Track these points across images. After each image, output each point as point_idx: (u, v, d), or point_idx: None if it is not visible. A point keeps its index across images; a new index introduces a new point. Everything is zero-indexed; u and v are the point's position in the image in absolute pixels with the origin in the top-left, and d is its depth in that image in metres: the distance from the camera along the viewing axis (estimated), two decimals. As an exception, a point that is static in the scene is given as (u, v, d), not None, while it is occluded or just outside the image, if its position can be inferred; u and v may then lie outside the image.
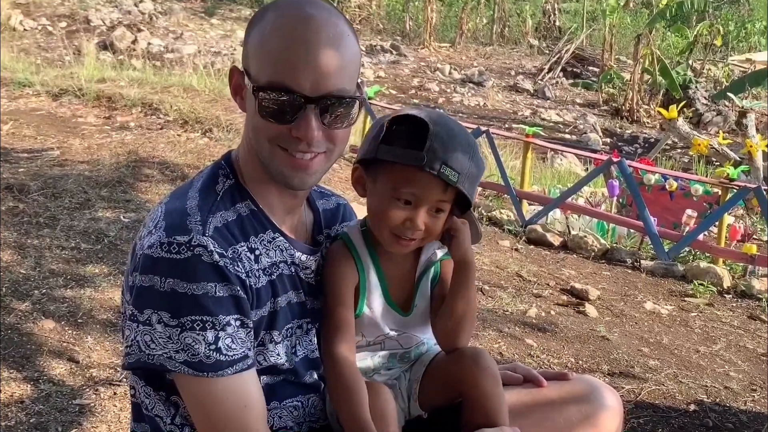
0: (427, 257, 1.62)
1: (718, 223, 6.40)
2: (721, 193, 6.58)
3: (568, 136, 15.03)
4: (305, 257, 1.56)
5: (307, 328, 1.57)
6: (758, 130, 11.60)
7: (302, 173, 1.44)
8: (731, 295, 5.68)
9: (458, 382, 1.54)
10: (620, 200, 7.61)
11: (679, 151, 13.76)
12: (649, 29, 16.78)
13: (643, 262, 6.22)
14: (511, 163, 9.38)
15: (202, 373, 1.34)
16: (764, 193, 6.04)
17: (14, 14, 16.17)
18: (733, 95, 14.03)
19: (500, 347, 4.11)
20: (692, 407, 3.62)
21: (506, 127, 13.68)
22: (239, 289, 1.37)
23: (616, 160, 6.78)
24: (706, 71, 18.66)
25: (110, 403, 3.06)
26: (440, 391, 1.59)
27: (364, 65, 16.42)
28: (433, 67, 18.94)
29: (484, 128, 7.73)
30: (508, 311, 4.72)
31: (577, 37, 20.78)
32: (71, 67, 11.08)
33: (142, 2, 18.65)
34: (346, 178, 7.19)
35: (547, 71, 19.35)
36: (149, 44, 15.61)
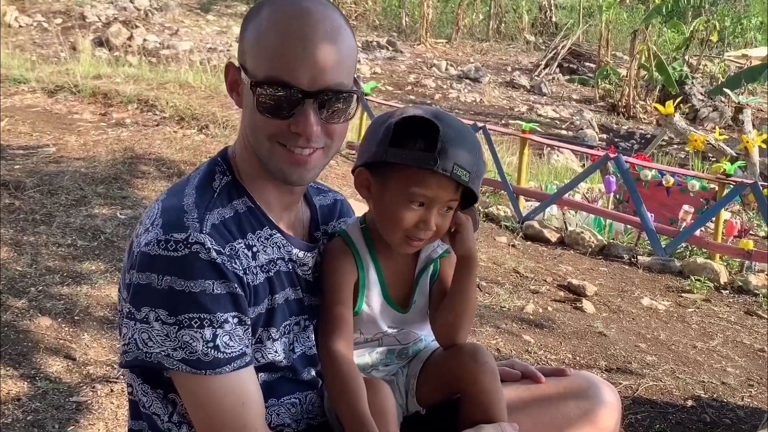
0: (426, 254, 1.61)
1: (714, 218, 6.41)
2: (717, 188, 6.59)
3: (564, 132, 15.03)
4: (302, 254, 1.55)
5: (304, 324, 1.56)
6: (754, 125, 11.62)
7: (301, 169, 1.43)
8: (728, 290, 5.69)
9: (456, 378, 1.53)
10: (617, 196, 7.61)
11: (675, 146, 13.78)
12: (645, 25, 16.80)
13: (640, 257, 6.22)
14: (507, 159, 9.39)
15: (200, 371, 1.34)
16: (761, 188, 6.05)
17: (9, 11, 16.13)
18: (729, 91, 14.04)
19: (497, 343, 4.11)
20: (689, 403, 3.63)
21: (503, 123, 13.68)
22: (237, 286, 1.37)
23: (612, 156, 6.79)
24: (702, 67, 18.69)
25: (107, 400, 3.06)
26: (438, 387, 1.58)
27: (360, 61, 16.41)
28: (429, 63, 18.93)
29: (480, 124, 7.73)
30: (505, 307, 4.72)
31: (573, 33, 20.80)
32: (67, 63, 11.06)
33: (137, -2, 18.63)
34: (343, 174, 7.18)
35: (543, 67, 19.37)
36: (145, 40, 15.59)
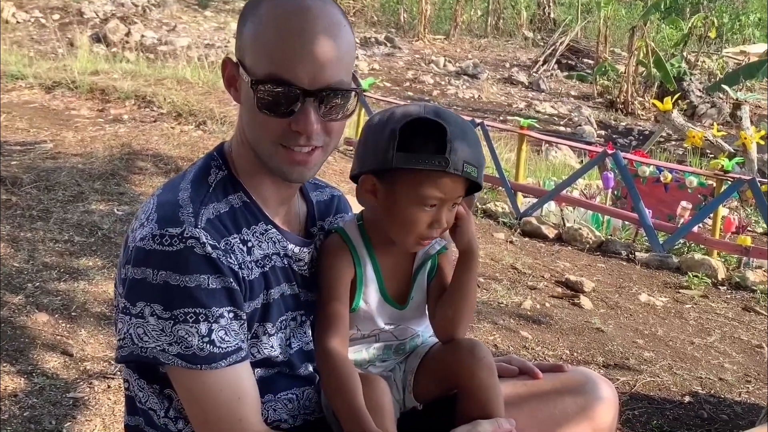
0: (424, 251, 1.61)
1: (712, 214, 6.41)
2: (715, 184, 6.60)
3: (562, 128, 15.03)
4: (298, 249, 1.55)
5: (301, 320, 1.55)
6: (752, 122, 11.62)
7: (301, 167, 1.43)
8: (726, 286, 5.69)
9: (454, 373, 1.53)
10: (615, 192, 7.61)
11: (673, 143, 13.78)
12: (643, 21, 16.78)
13: (637, 254, 6.23)
14: (505, 155, 9.38)
15: (195, 365, 1.34)
16: (759, 184, 6.05)
17: (7, 6, 16.09)
18: (727, 87, 14.03)
19: (495, 339, 4.11)
20: (687, 399, 3.63)
21: (501, 119, 13.67)
22: (232, 281, 1.36)
23: (610, 152, 6.78)
24: (700, 63, 18.67)
25: (104, 396, 3.05)
26: (436, 382, 1.58)
27: (358, 57, 16.40)
28: (427, 59, 18.91)
29: (478, 121, 7.72)
30: (503, 303, 4.73)
31: (571, 29, 20.76)
32: (64, 59, 11.04)
33: (135, -6, 18.59)
34: (340, 170, 7.17)
35: (541, 63, 19.35)
36: (143, 36, 15.54)
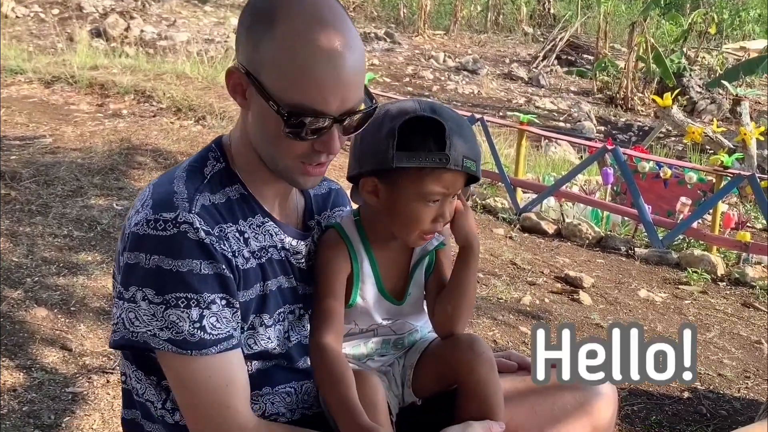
0: (422, 247, 1.61)
1: (712, 210, 6.41)
2: (715, 180, 6.59)
3: (562, 124, 15.02)
4: (296, 242, 1.55)
5: (299, 313, 1.55)
6: (752, 118, 11.60)
7: (315, 178, 1.46)
8: (725, 282, 5.69)
9: (454, 368, 1.53)
10: (614, 188, 7.61)
11: (673, 139, 13.77)
12: (643, 17, 16.78)
13: (637, 249, 6.22)
14: (505, 151, 9.38)
15: (186, 351, 1.33)
16: (758, 180, 6.05)
17: (6, 1, 16.05)
18: (727, 83, 14.02)
19: (494, 335, 4.11)
20: (686, 394, 3.63)
21: (500, 115, 13.65)
22: (224, 267, 1.36)
23: (610, 147, 6.78)
24: (700, 59, 18.66)
25: (103, 391, 3.05)
26: (435, 377, 1.58)
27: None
28: (427, 54, 18.89)
29: (478, 116, 7.72)
30: (502, 299, 4.72)
31: (571, 24, 20.75)
32: (64, 54, 11.00)
33: (135, -11, 18.54)
34: (339, 165, 7.16)
35: (541, 59, 19.33)
36: (142, 31, 15.51)
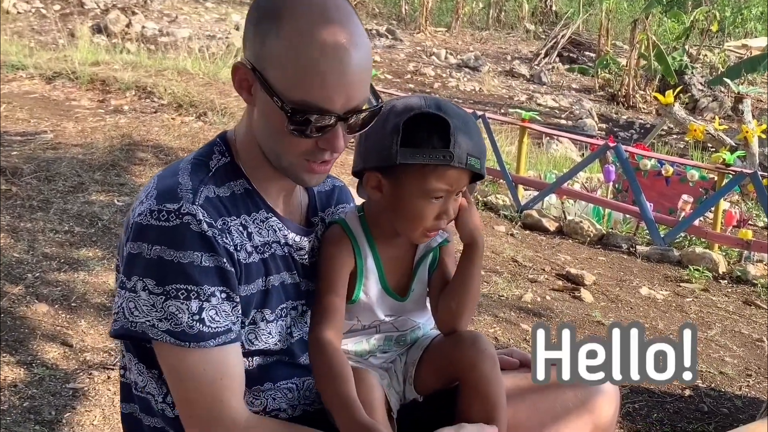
0: (426, 243, 1.60)
1: (713, 208, 6.40)
2: (716, 178, 6.58)
3: (564, 121, 15.00)
4: (299, 238, 1.54)
5: (302, 310, 1.55)
6: (754, 115, 11.59)
7: (320, 175, 1.46)
8: (726, 280, 5.68)
9: (456, 365, 1.53)
10: (616, 185, 7.60)
11: (674, 136, 13.75)
12: (645, 14, 16.74)
13: (638, 247, 6.22)
14: (506, 148, 9.37)
15: (184, 343, 1.33)
16: (760, 178, 6.04)
17: (7, -3, 16.04)
18: (729, 81, 13.99)
19: (496, 332, 4.11)
20: (687, 392, 3.63)
21: (502, 112, 13.64)
22: (225, 261, 1.36)
23: (612, 145, 6.77)
24: (702, 57, 18.62)
25: (104, 387, 3.05)
26: (437, 374, 1.57)
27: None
28: (428, 51, 18.86)
29: (480, 113, 7.70)
30: (503, 296, 4.72)
31: (573, 21, 20.72)
32: (65, 50, 10.99)
33: (136, -15, 18.52)
34: (341, 162, 7.15)
35: (543, 56, 19.30)
36: (143, 27, 15.49)
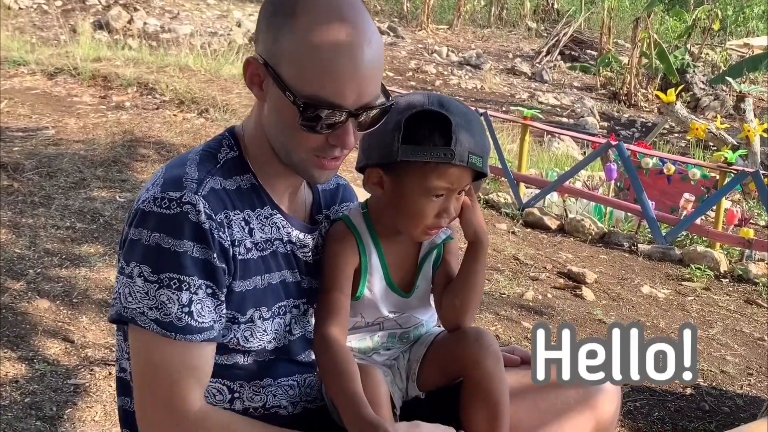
0: (430, 240, 1.61)
1: (715, 207, 6.40)
2: (718, 177, 6.57)
3: (565, 119, 14.98)
4: (303, 235, 1.54)
5: (304, 308, 1.55)
6: (756, 114, 11.56)
7: (330, 171, 1.47)
8: (728, 279, 5.68)
9: (459, 361, 1.53)
10: (618, 184, 7.59)
11: (676, 135, 13.74)
12: (647, 13, 16.71)
13: (640, 245, 6.21)
14: (508, 146, 9.36)
15: (170, 333, 1.33)
16: (762, 177, 6.03)
17: (9, -8, 16.02)
18: (731, 80, 13.98)
19: (497, 330, 4.11)
20: (688, 391, 3.63)
21: (504, 110, 13.61)
22: (216, 256, 1.36)
23: (613, 143, 6.76)
24: (704, 55, 18.61)
25: (105, 383, 3.05)
26: (440, 371, 1.58)
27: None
28: (430, 49, 18.84)
29: (481, 111, 7.69)
30: (504, 294, 4.72)
31: (575, 20, 20.69)
32: (66, 46, 10.97)
33: (138, -19, 18.50)
34: (346, 159, 7.16)
35: (544, 54, 19.27)
36: (145, 24, 15.48)
